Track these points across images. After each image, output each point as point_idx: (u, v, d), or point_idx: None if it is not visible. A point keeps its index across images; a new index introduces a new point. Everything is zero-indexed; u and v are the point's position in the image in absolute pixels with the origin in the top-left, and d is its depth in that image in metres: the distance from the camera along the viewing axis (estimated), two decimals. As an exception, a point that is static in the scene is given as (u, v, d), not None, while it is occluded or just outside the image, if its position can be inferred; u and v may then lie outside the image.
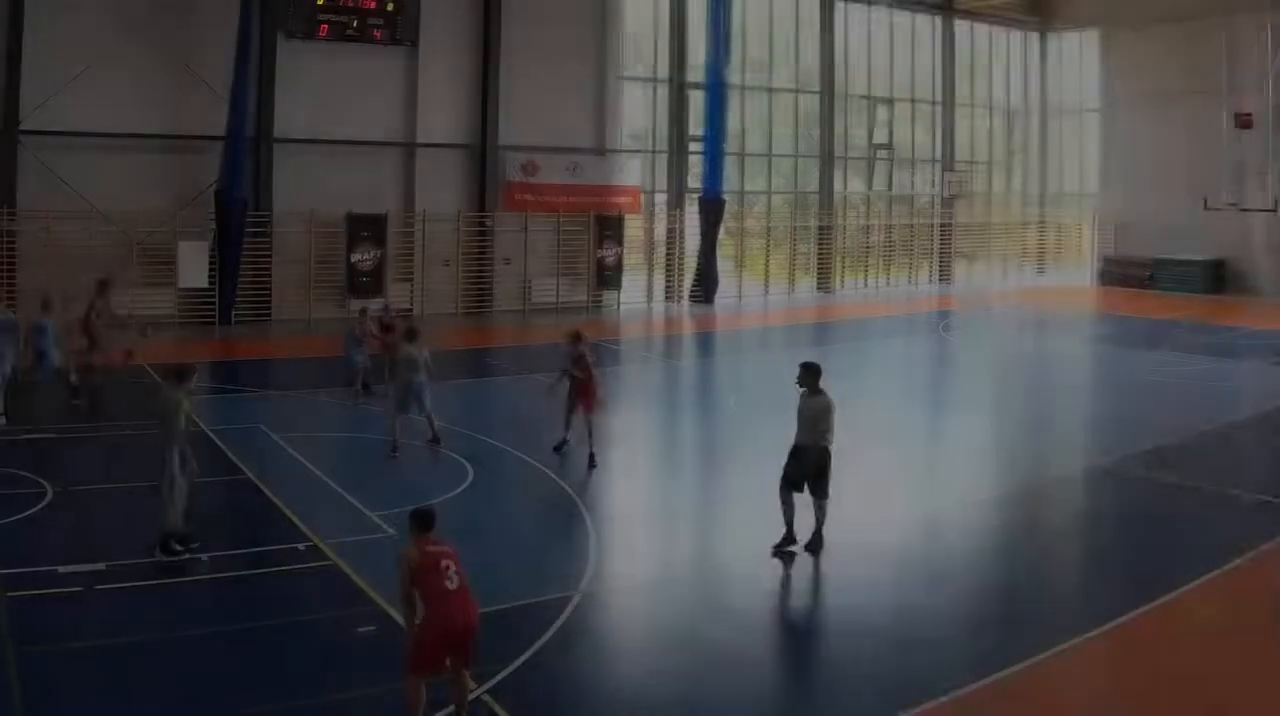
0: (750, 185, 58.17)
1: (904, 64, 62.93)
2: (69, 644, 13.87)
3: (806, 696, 13.70)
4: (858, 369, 36.86)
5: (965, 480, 23.74)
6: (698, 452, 26.54)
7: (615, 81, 51.57)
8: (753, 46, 56.70)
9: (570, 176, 49.71)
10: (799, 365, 17.96)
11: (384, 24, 45.26)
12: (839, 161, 60.41)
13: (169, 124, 41.48)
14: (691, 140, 54.21)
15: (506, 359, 37.72)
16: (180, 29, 41.29)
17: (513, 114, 48.19)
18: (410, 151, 46.73)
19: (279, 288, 43.68)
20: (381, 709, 12.39)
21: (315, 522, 18.65)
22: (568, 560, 17.66)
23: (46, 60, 38.80)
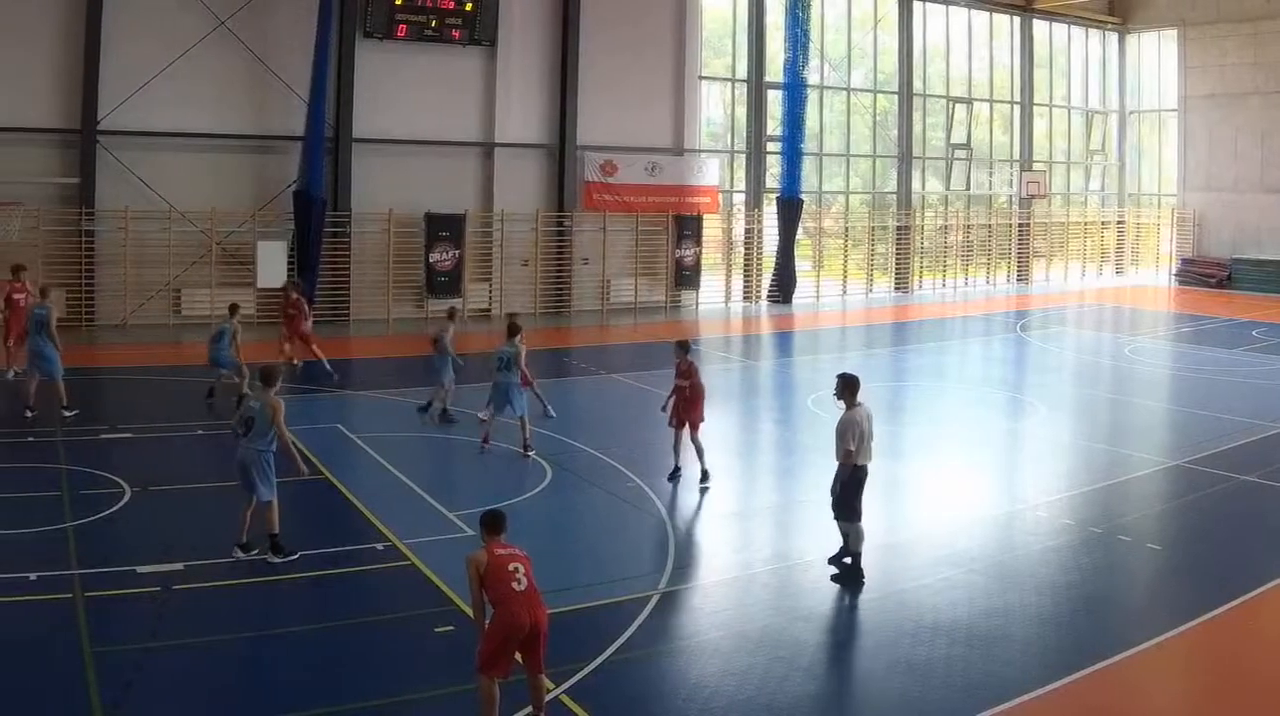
0: (828, 185, 56.55)
1: (982, 63, 60.95)
2: (146, 644, 13.60)
3: (885, 696, 13.24)
4: (936, 369, 36.58)
5: (1043, 478, 23.15)
6: (776, 453, 25.59)
7: (694, 81, 49.91)
8: (831, 46, 54.81)
9: (649, 176, 48.14)
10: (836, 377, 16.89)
11: (462, 24, 43.75)
12: (917, 161, 58.59)
13: (247, 124, 40.50)
14: (770, 140, 52.55)
15: (585, 359, 36.54)
16: (259, 29, 40.20)
17: (591, 114, 46.74)
18: (488, 151, 45.25)
19: (357, 288, 42.51)
20: (459, 708, 12.14)
21: (393, 522, 18.38)
22: (646, 560, 17.40)
23: (125, 61, 37.86)
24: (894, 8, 56.50)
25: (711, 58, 52.39)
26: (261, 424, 16.54)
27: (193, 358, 29.83)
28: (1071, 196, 66.55)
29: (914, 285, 57.62)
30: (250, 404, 17.02)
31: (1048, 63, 63.74)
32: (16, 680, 12.72)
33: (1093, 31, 65.26)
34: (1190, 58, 62.12)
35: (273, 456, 16.76)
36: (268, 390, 16.84)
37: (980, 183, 61.92)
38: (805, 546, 18.09)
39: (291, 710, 12.25)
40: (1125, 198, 67.66)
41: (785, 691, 12.94)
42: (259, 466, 16.56)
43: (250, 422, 16.64)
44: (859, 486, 16.27)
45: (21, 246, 35.89)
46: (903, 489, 20.38)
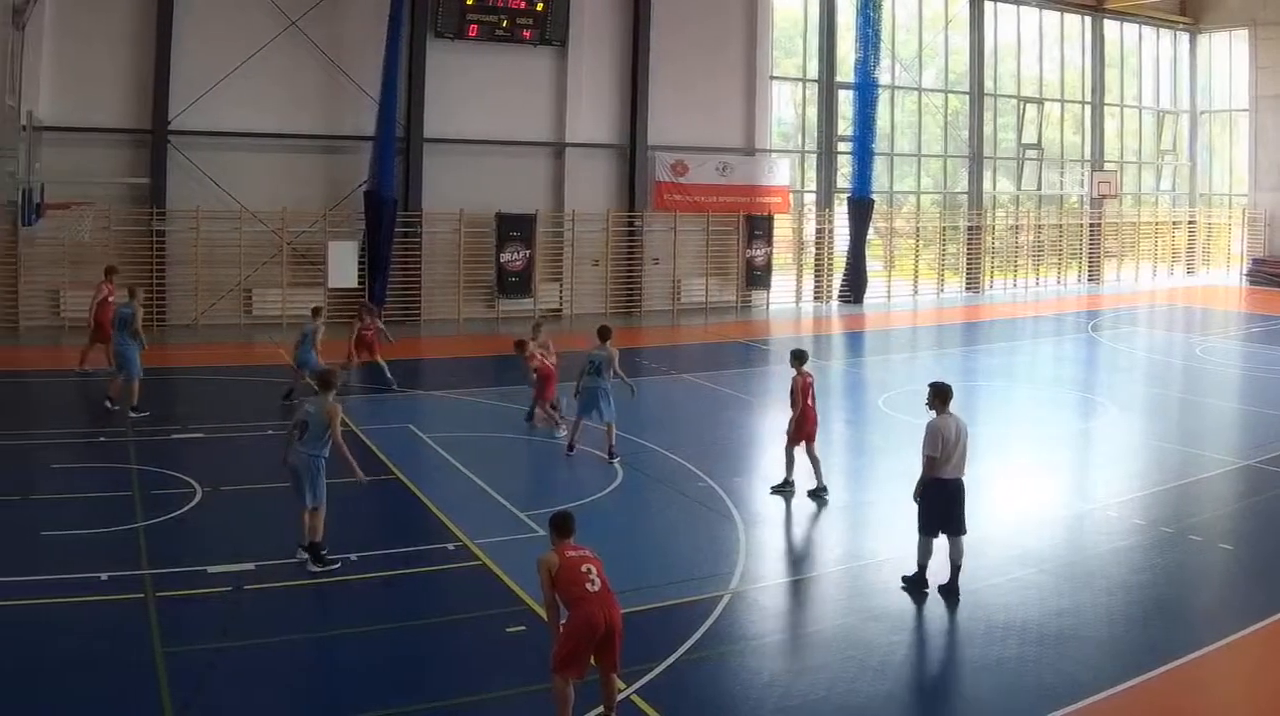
0: (899, 185, 54.71)
1: (1053, 63, 58.73)
2: (217, 644, 13.30)
3: (957, 695, 12.93)
4: (1007, 369, 35.73)
5: (1114, 478, 22.14)
6: (847, 453, 24.33)
7: (765, 81, 48.12)
8: (902, 46, 52.98)
9: (720, 176, 46.57)
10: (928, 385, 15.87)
11: (533, 24, 42.32)
12: (988, 161, 56.55)
13: (318, 124, 39.42)
14: (841, 140, 50.71)
15: (656, 359, 35.14)
16: (329, 29, 39.07)
17: (662, 114, 45.20)
18: (559, 151, 43.80)
19: (428, 288, 41.29)
20: (531, 708, 11.91)
21: (465, 522, 17.90)
22: (717, 560, 16.72)
23: (195, 61, 36.95)
24: (965, 7, 54.56)
25: (782, 58, 50.59)
26: (316, 428, 15.84)
27: (264, 358, 29.86)
28: (1142, 196, 64.37)
29: (985, 285, 55.74)
30: (306, 407, 16.28)
31: (1119, 63, 61.55)
32: (88, 680, 12.39)
33: (1164, 31, 62.96)
34: (1261, 57, 59.97)
35: (324, 462, 16.01)
36: (325, 395, 16.18)
37: (1051, 183, 59.53)
38: (876, 546, 17.63)
39: (362, 710, 11.94)
40: (1196, 198, 65.31)
41: (856, 691, 12.59)
42: (310, 471, 15.87)
43: (305, 426, 15.93)
44: (943, 499, 15.23)
45: (92, 246, 35.32)
46: (974, 489, 17.95)
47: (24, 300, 35.59)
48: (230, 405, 26.71)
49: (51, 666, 12.69)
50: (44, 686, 12.27)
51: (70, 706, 11.88)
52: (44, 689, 12.22)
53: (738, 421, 27.29)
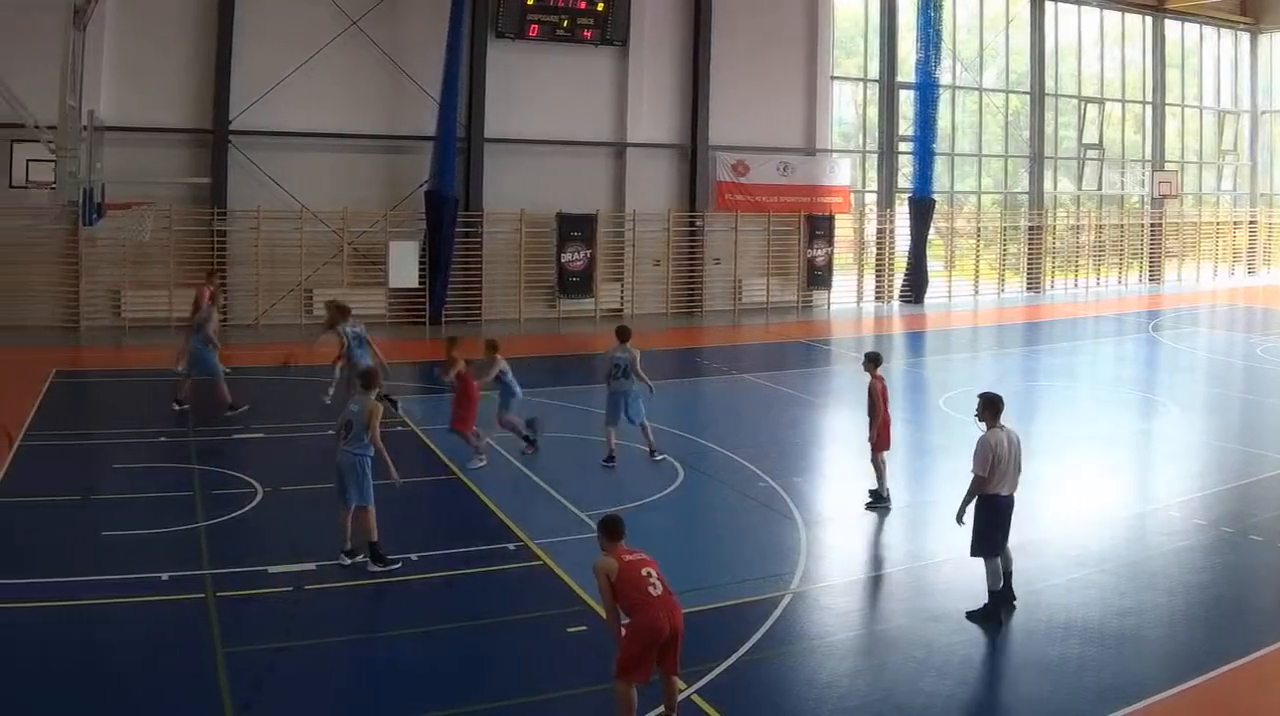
0: (960, 185, 52.71)
1: (1114, 63, 56.61)
2: (278, 644, 13.00)
3: (1016, 696, 12.51)
4: (1068, 369, 34.67)
5: (1175, 478, 21.66)
6: (908, 453, 22.96)
7: (825, 81, 46.47)
8: (963, 46, 51.08)
9: (780, 176, 44.96)
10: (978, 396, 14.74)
11: (594, 24, 40.97)
12: (1049, 161, 54.55)
13: (379, 124, 38.25)
14: (902, 140, 49.02)
15: (717, 359, 34.25)
16: (390, 29, 37.92)
17: (722, 114, 43.63)
18: (620, 151, 42.39)
19: (489, 288, 39.99)
20: (592, 709, 11.69)
21: (525, 522, 17.55)
22: (778, 560, 16.28)
23: (256, 61, 35.95)
24: (1026, 7, 52.60)
25: (843, 58, 48.90)
26: (359, 427, 15.48)
27: (325, 358, 28.28)
28: (1203, 196, 61.93)
29: (1046, 285, 53.80)
30: (351, 407, 15.87)
31: (1179, 62, 59.29)
32: (150, 680, 12.17)
33: (1224, 31, 60.45)
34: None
35: (369, 461, 15.58)
36: (368, 393, 15.84)
37: (1112, 183, 57.41)
38: (936, 546, 17.01)
39: (422, 711, 11.61)
40: (1257, 197, 62.86)
41: (917, 691, 12.22)
42: (355, 470, 15.48)
43: (349, 426, 15.59)
44: (997, 518, 14.11)
45: (153, 246, 34.34)
46: (1035, 489, 18.06)
47: (85, 300, 34.75)
48: (291, 405, 25.96)
49: (113, 666, 12.44)
50: (106, 686, 11.97)
51: (132, 706, 11.61)
52: (106, 688, 11.91)
53: (799, 421, 26.49)
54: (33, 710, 11.48)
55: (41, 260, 34.33)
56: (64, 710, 11.51)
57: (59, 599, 13.99)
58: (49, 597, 14.03)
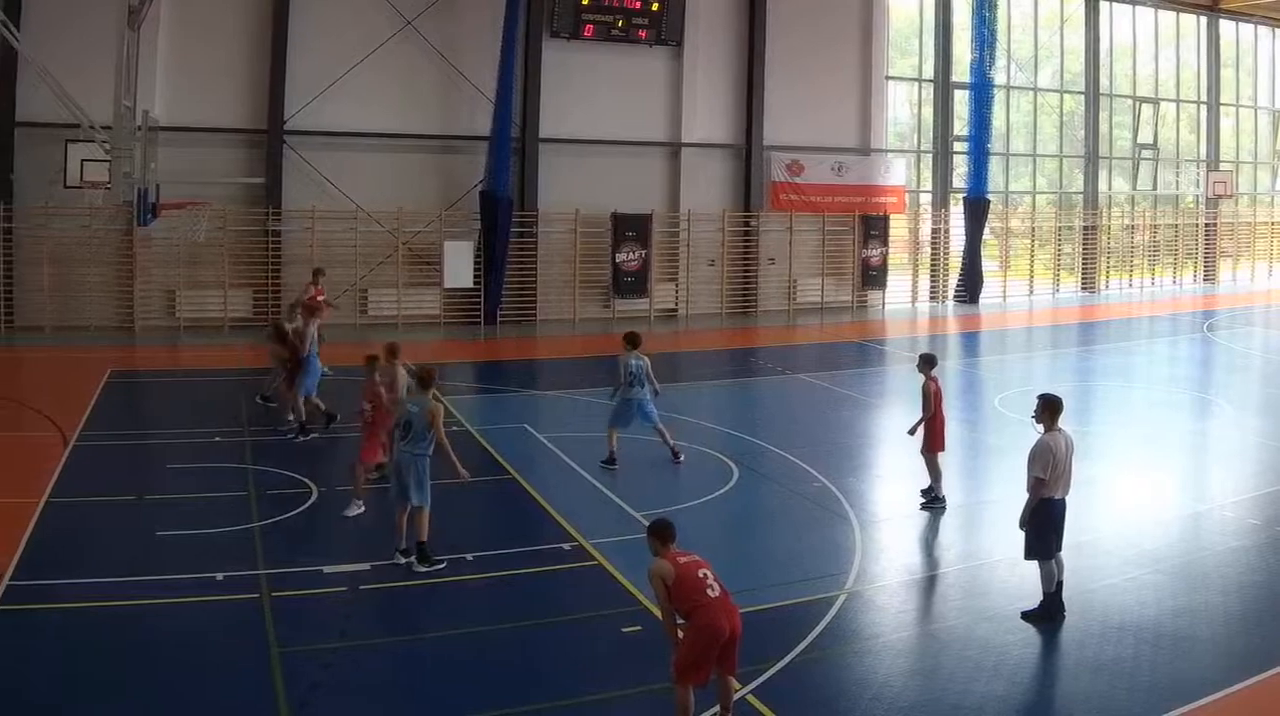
0: (1015, 185, 50.98)
1: (1169, 63, 54.54)
2: (333, 644, 12.66)
3: (1071, 696, 11.99)
4: (1122, 370, 33.59)
5: (1229, 478, 20.85)
6: (962, 453, 22.31)
7: (880, 81, 44.85)
8: (1017, 46, 49.36)
9: (835, 176, 43.39)
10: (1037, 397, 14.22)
11: (648, 24, 39.55)
12: (1103, 161, 52.55)
13: (434, 124, 37.11)
14: (956, 140, 47.33)
15: (772, 359, 33.30)
16: (445, 29, 36.73)
17: (777, 114, 42.13)
18: (675, 151, 40.94)
19: (544, 287, 38.74)
20: (647, 709, 11.45)
21: (581, 522, 17.03)
22: (833, 560, 15.86)
23: (311, 61, 34.98)
24: (1080, 7, 50.71)
25: (898, 57, 47.20)
26: (420, 427, 15.04)
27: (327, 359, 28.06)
28: (1258, 196, 59.70)
29: (1100, 285, 51.99)
30: (409, 407, 15.39)
31: (1234, 62, 56.93)
32: (205, 680, 11.77)
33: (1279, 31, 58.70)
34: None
35: (428, 461, 15.12)
36: (425, 393, 15.44)
37: (1167, 182, 55.19)
38: (991, 546, 16.54)
39: (478, 710, 11.28)
40: (1312, 197, 60.70)
41: (971, 691, 11.83)
42: (414, 471, 15.02)
43: (408, 426, 15.15)
44: (1051, 521, 13.67)
45: (208, 246, 33.49)
46: (1090, 489, 17.62)
47: (140, 300, 33.90)
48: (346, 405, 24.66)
49: (169, 666, 12.05)
50: (162, 686, 11.62)
51: (188, 705, 11.27)
52: (162, 688, 11.56)
53: (853, 421, 25.84)
54: (89, 710, 11.10)
55: (97, 260, 33.58)
56: (120, 709, 11.14)
57: (115, 598, 13.59)
58: (105, 597, 13.62)
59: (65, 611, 13.33)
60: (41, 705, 11.18)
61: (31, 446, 20.92)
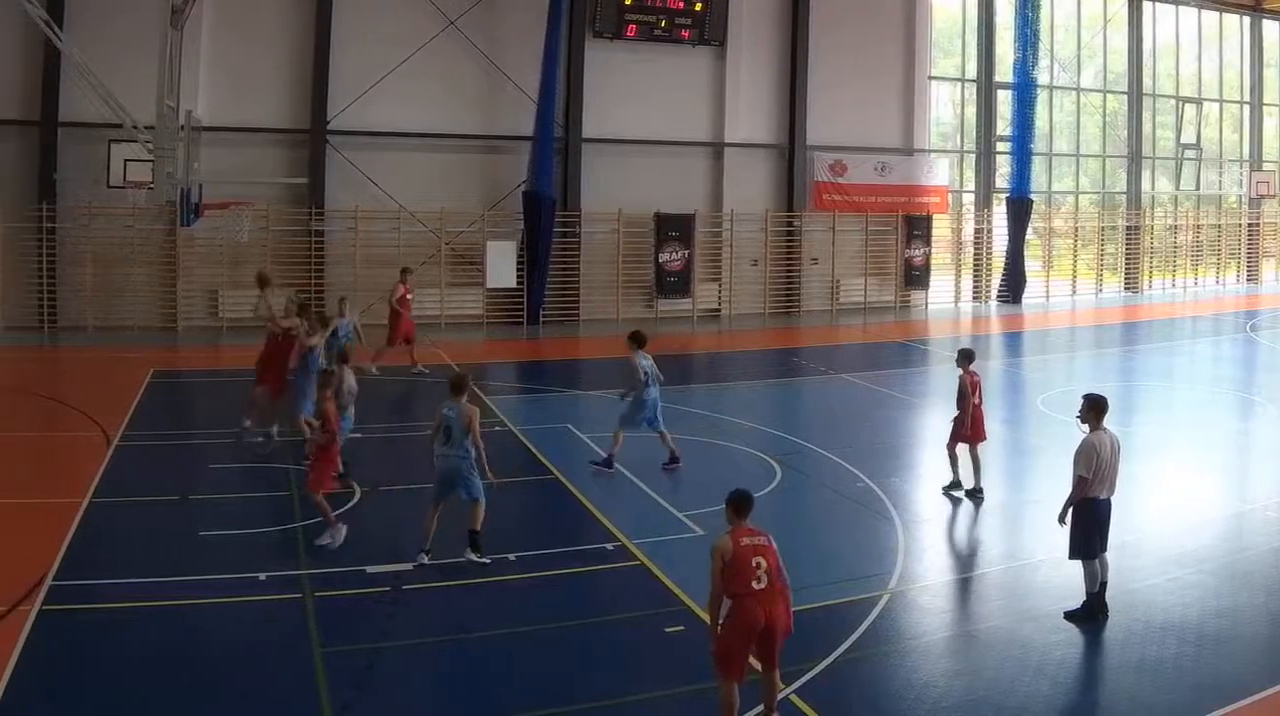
0: (1058, 185, 49.54)
1: (1212, 63, 52.79)
2: (376, 644, 12.30)
3: (1115, 695, 11.56)
4: (1165, 369, 32.91)
5: (1273, 478, 20.27)
6: (1005, 453, 21.74)
7: (923, 81, 43.56)
8: (1060, 46, 47.91)
9: (878, 176, 42.22)
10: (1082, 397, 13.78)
11: (691, 23, 38.44)
12: (1146, 161, 50.97)
13: (476, 124, 36.15)
14: (999, 140, 45.91)
15: (815, 359, 32.31)
16: (488, 29, 35.82)
17: (820, 114, 40.89)
18: (718, 151, 39.77)
19: (586, 287, 37.71)
20: (690, 709, 11.05)
21: (623, 522, 16.54)
22: (876, 560, 15.39)
23: (354, 62, 34.16)
24: (1123, 7, 49.06)
25: (941, 57, 45.82)
26: (458, 431, 14.73)
27: (422, 358, 28.40)
28: (1301, 196, 57.99)
29: (1143, 285, 50.45)
30: (445, 412, 14.94)
31: (1277, 62, 55.00)
32: (248, 679, 11.46)
33: (1323, 31, 57.10)
34: None
35: (472, 460, 14.85)
36: (459, 398, 14.99)
37: (1210, 182, 53.57)
38: (1033, 546, 15.93)
39: (520, 710, 10.99)
40: (1356, 197, 59.01)
41: (1015, 691, 11.47)
42: (461, 472, 14.78)
43: (448, 431, 14.81)
44: (1095, 521, 13.23)
45: (251, 246, 32.66)
46: (1133, 489, 16.93)
47: (183, 300, 33.16)
48: (389, 405, 24.86)
49: (212, 665, 11.74)
50: (204, 686, 11.28)
51: (230, 705, 10.97)
52: (204, 688, 11.23)
53: (896, 421, 25.00)
54: (132, 709, 10.81)
55: (139, 260, 32.87)
56: (163, 710, 10.82)
57: (157, 598, 13.24)
58: (148, 597, 13.26)
59: (108, 611, 12.98)
60: (85, 704, 10.85)
61: (74, 446, 20.50)
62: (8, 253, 32.02)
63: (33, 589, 13.25)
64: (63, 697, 10.96)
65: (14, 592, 13.10)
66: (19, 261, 32.11)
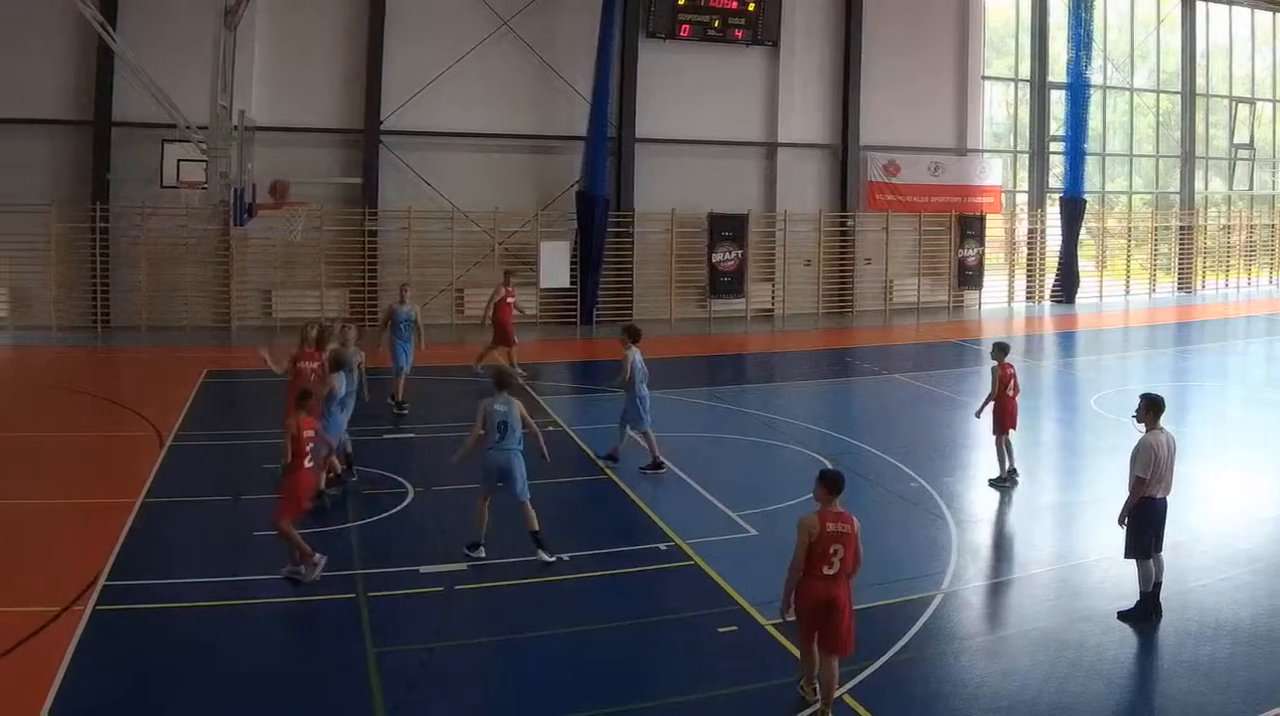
0: (1111, 185, 47.52)
1: (1265, 63, 50.67)
2: (429, 644, 11.88)
3: (1168, 696, 11.18)
4: (1218, 370, 31.91)
5: None
6: (1059, 453, 21.66)
7: (976, 81, 41.82)
8: (1113, 46, 46.02)
9: (932, 177, 40.62)
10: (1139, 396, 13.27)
11: (745, 24, 36.97)
12: (1200, 161, 49.03)
13: (530, 124, 34.91)
14: (1053, 140, 44.21)
15: (868, 359, 31.40)
16: (541, 30, 34.56)
17: (873, 114, 39.37)
18: (771, 151, 38.24)
19: (640, 288, 36.32)
20: (741, 710, 10.77)
21: (677, 522, 16.02)
22: (929, 559, 14.88)
23: (407, 62, 33.16)
24: (1177, 7, 47.11)
25: (994, 58, 44.01)
26: (515, 425, 14.50)
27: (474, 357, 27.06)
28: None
29: (1197, 285, 48.58)
30: (497, 408, 14.58)
31: (1331, 62, 53.98)
32: (301, 679, 11.18)
33: (1378, 30, 55.22)
34: None
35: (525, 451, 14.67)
36: (505, 393, 14.71)
37: (1263, 182, 51.37)
38: (1087, 546, 15.53)
39: (573, 710, 10.58)
40: None
41: (1068, 691, 11.01)
42: (518, 466, 14.54)
43: (506, 427, 14.49)
44: (1151, 521, 12.79)
45: (304, 247, 31.56)
46: (1185, 488, 15.74)
47: (236, 300, 32.15)
48: (442, 405, 23.88)
49: (265, 666, 11.43)
50: (258, 686, 10.98)
51: (283, 704, 10.67)
52: (258, 688, 10.93)
53: (949, 421, 24.00)
54: (185, 709, 10.53)
55: (193, 260, 31.97)
56: (217, 710, 10.51)
57: (211, 598, 12.91)
58: (202, 597, 12.94)
59: (161, 611, 12.63)
60: (138, 704, 10.55)
61: (127, 446, 19.91)
62: (62, 253, 31.12)
63: (86, 589, 12.84)
64: (115, 697, 10.59)
65: (68, 592, 12.68)
66: (73, 262, 31.25)
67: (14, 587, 12.92)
